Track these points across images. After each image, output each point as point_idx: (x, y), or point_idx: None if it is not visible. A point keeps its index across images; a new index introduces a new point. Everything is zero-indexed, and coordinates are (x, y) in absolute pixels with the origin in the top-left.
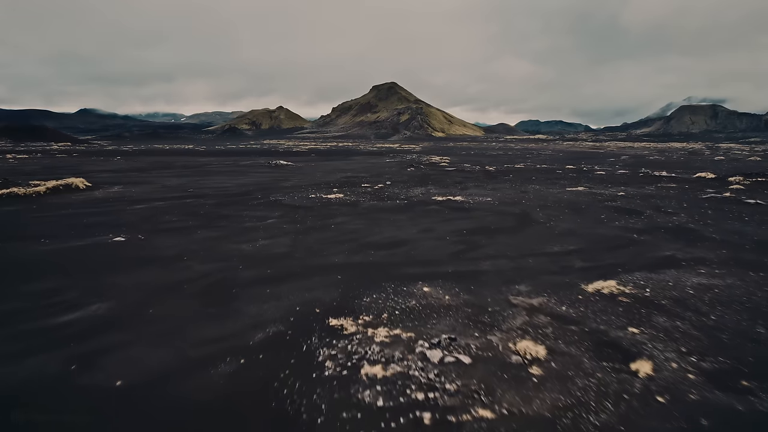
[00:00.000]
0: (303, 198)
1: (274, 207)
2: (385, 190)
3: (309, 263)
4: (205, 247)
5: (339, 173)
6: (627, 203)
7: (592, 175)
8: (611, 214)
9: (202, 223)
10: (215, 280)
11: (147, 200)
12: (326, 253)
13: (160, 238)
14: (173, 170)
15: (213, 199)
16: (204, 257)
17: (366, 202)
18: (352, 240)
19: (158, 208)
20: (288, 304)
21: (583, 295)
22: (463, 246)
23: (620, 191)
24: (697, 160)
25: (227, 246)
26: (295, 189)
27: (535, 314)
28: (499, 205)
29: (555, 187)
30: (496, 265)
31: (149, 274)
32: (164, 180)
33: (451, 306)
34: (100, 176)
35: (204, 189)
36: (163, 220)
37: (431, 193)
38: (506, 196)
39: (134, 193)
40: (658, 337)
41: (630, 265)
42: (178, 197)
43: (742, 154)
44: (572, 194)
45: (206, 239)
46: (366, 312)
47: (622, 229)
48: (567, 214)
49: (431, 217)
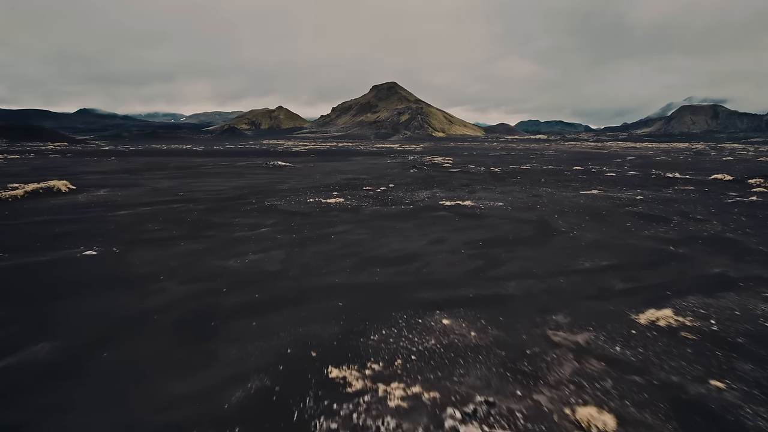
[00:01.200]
0: (300, 203)
1: (268, 213)
2: (388, 194)
3: (305, 284)
4: (186, 263)
5: (339, 175)
6: (649, 208)
7: (603, 177)
8: (637, 222)
9: (187, 233)
10: (192, 309)
11: (132, 205)
12: (325, 271)
13: (138, 251)
14: (166, 171)
15: (203, 204)
16: (183, 276)
17: (368, 207)
18: (355, 253)
19: (142, 214)
20: (277, 343)
21: (636, 328)
22: (481, 261)
23: (637, 195)
24: (706, 161)
25: (212, 261)
26: (292, 192)
27: (585, 358)
28: (512, 210)
29: (568, 190)
30: (524, 286)
31: (115, 300)
32: (155, 182)
33: (479, 347)
34: (88, 178)
35: (196, 192)
36: (145, 228)
37: (438, 197)
38: (518, 200)
39: (120, 197)
40: (754, 396)
41: (679, 286)
42: (166, 202)
43: (749, 155)
44: (588, 198)
45: (189, 253)
46: (374, 357)
47: (654, 239)
48: (588, 221)
49: (441, 225)
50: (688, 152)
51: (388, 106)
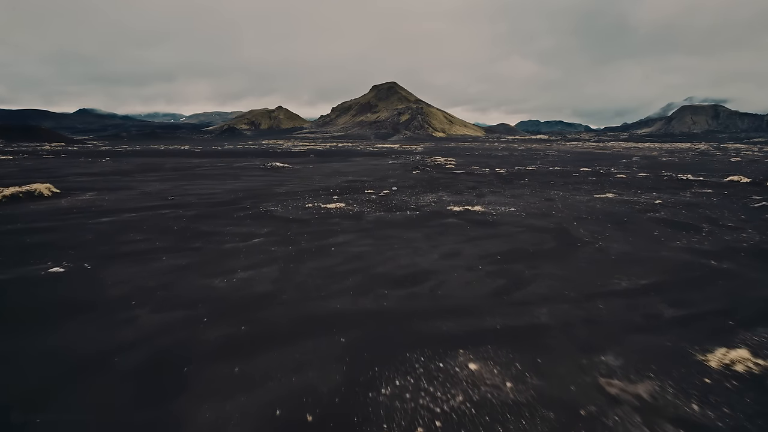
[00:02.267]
0: (298, 208)
1: (263, 220)
2: (391, 198)
3: (300, 312)
4: (165, 282)
5: (339, 177)
6: (673, 214)
7: (613, 178)
8: (664, 230)
9: (172, 244)
10: (163, 348)
11: (117, 211)
12: (324, 293)
13: (112, 267)
14: (160, 173)
15: (194, 210)
16: (160, 301)
17: (371, 213)
18: (358, 270)
19: (126, 222)
20: (264, 400)
21: (709, 376)
22: (502, 280)
23: (655, 199)
24: (714, 162)
25: (195, 281)
26: (290, 196)
27: (658, 423)
28: (527, 217)
29: (580, 193)
30: (558, 313)
31: (72, 333)
32: (146, 185)
33: (520, 404)
34: (77, 180)
35: (187, 196)
36: (126, 239)
37: (445, 202)
38: (531, 205)
39: (106, 202)
40: None
41: (741, 313)
42: (155, 207)
43: (756, 155)
44: (604, 203)
45: (171, 269)
46: (388, 423)
47: (689, 251)
48: (611, 229)
49: (452, 234)
50: (693, 152)
51: (388, 106)
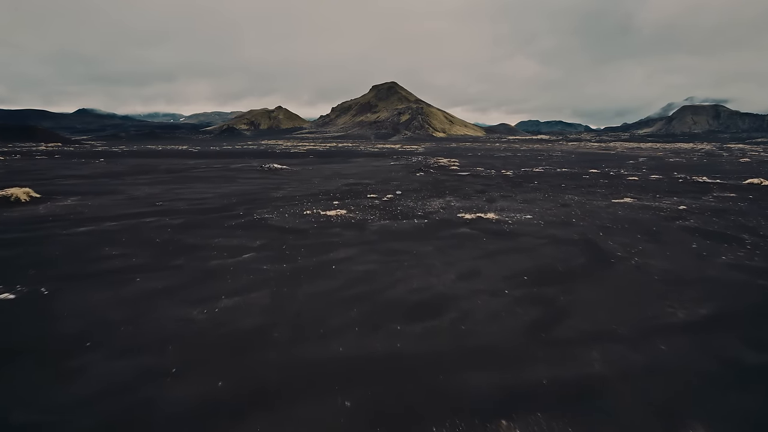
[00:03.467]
0: (295, 215)
1: (256, 230)
2: (396, 203)
3: (294, 359)
4: (133, 313)
5: (340, 179)
6: (703, 222)
7: (626, 181)
8: (702, 242)
9: (150, 261)
10: (112, 416)
11: (97, 219)
12: (324, 331)
13: (74, 292)
14: (152, 175)
15: (181, 218)
16: (121, 341)
17: (375, 221)
18: (364, 296)
19: (105, 232)
20: None
21: None
22: (535, 310)
23: (678, 204)
24: (723, 163)
25: (169, 311)
26: (287, 201)
27: None
28: (546, 226)
29: (596, 197)
30: (613, 358)
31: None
32: (136, 188)
33: None
34: (63, 183)
35: (176, 201)
36: (99, 255)
37: (454, 208)
38: (547, 211)
39: (87, 209)
40: None
41: None
42: (140, 214)
43: (763, 156)
44: (625, 209)
45: (143, 295)
46: None
47: (741, 269)
48: (643, 241)
49: (467, 248)
50: (698, 153)
51: (388, 106)
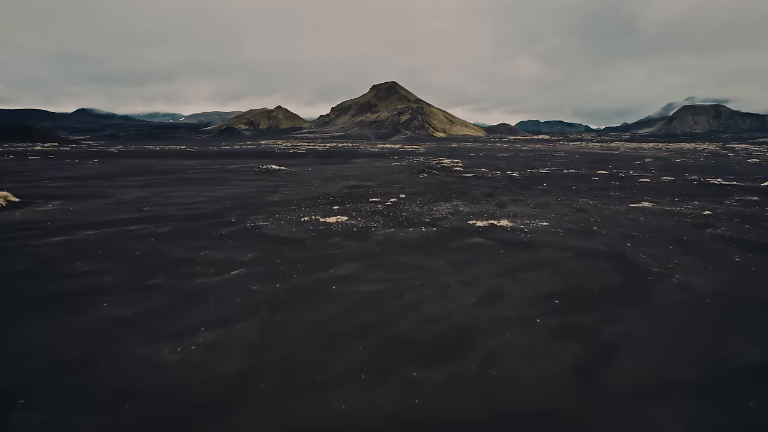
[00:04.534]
0: (292, 223)
1: (248, 241)
2: (401, 209)
3: (284, 424)
4: (90, 353)
5: (340, 181)
6: (737, 231)
7: (638, 183)
8: (744, 255)
9: (123, 280)
10: None
11: (75, 227)
12: (322, 378)
13: (24, 323)
14: (145, 177)
15: (168, 225)
16: (65, 396)
17: (379, 229)
18: (370, 328)
19: (80, 242)
20: None
21: None
22: (577, 346)
23: (700, 209)
24: (731, 164)
25: (135, 350)
26: (283, 206)
27: None
28: (566, 235)
29: (611, 201)
30: (693, 425)
31: None
32: (125, 191)
33: None
34: (49, 186)
35: (166, 206)
36: (67, 271)
37: (463, 214)
38: (564, 217)
39: (68, 214)
40: None
41: None
42: (123, 221)
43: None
44: (646, 214)
45: (106, 327)
46: None
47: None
48: (677, 253)
49: (483, 262)
50: (704, 153)
51: (388, 106)
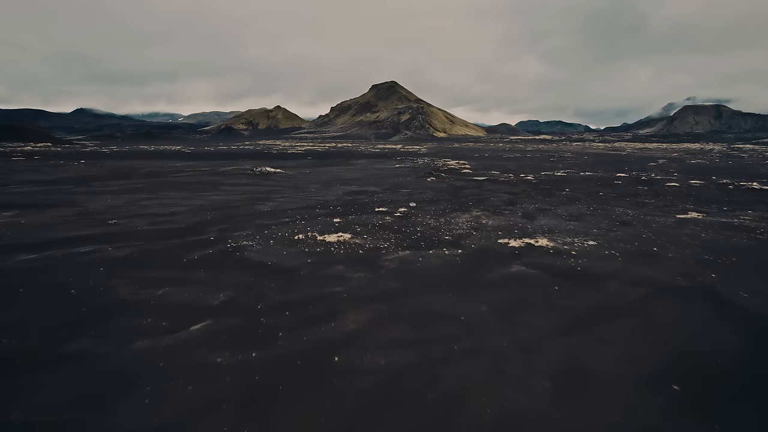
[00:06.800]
0: (283, 242)
1: (223, 271)
2: (413, 221)
3: None
4: None
5: (340, 186)
6: None
7: (668, 188)
8: None
9: (29, 345)
10: None
11: (12, 250)
12: None
13: None
14: (127, 180)
15: (129, 246)
16: None
17: (391, 251)
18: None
19: (4, 274)
20: None
21: None
22: None
23: (761, 220)
24: (752, 164)
25: None
26: (275, 218)
27: None
28: (625, 260)
29: (652, 211)
30: None
31: None
32: (95, 199)
33: None
34: (13, 192)
35: (137, 218)
36: None
37: (488, 228)
38: (609, 233)
39: (14, 230)
40: None
41: None
42: (74, 241)
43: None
44: (705, 229)
45: None
46: None
47: None
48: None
49: (539, 307)
50: (715, 154)
51: (388, 106)
